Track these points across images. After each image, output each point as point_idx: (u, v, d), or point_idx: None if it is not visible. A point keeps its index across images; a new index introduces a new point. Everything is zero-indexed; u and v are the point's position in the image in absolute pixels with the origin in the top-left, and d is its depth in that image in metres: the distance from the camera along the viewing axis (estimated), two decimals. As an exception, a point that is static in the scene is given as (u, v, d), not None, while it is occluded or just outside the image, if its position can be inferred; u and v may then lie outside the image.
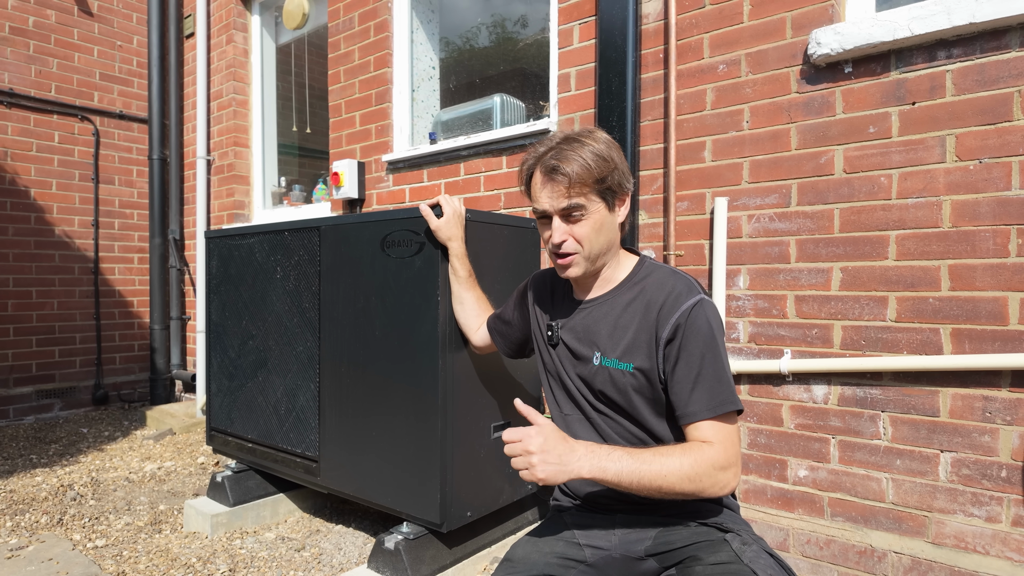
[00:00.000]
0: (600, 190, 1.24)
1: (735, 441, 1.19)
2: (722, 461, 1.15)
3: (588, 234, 1.26)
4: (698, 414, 1.18)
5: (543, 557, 1.25)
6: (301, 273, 2.30)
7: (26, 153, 4.25)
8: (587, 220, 1.25)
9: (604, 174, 1.23)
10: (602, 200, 1.25)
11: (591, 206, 1.25)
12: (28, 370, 4.29)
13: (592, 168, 1.22)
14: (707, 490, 1.14)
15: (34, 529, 2.48)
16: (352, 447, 2.13)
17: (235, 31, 4.40)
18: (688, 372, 1.20)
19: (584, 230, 1.26)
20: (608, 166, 1.24)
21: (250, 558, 2.23)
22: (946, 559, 1.81)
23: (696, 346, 1.20)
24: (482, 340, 1.79)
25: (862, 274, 1.96)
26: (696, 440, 1.19)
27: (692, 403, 1.19)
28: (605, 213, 1.27)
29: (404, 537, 1.92)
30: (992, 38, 1.75)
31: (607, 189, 1.25)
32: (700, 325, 1.20)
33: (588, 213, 1.25)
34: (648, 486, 1.12)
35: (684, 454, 1.14)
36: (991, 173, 1.76)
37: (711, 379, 1.19)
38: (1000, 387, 1.75)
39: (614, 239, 1.32)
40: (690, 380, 1.19)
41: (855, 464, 1.97)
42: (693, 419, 1.19)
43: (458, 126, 3.26)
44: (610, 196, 1.27)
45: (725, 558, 1.13)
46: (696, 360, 1.19)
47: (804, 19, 2.06)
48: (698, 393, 1.19)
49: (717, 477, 1.14)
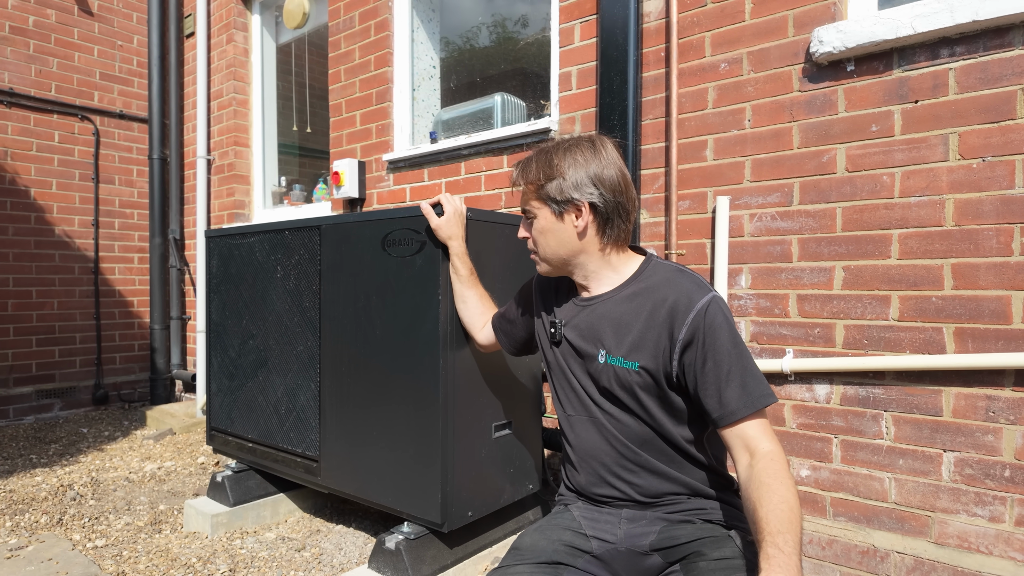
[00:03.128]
0: (540, 196, 1.31)
1: (773, 433, 1.15)
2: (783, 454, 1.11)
3: (536, 236, 1.35)
4: (737, 412, 1.14)
5: (551, 544, 1.25)
6: (302, 272, 2.29)
7: (26, 153, 4.25)
8: (536, 222, 1.34)
9: (542, 182, 1.30)
10: (545, 206, 1.31)
11: (535, 211, 1.33)
12: (28, 370, 4.28)
13: (532, 176, 1.31)
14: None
15: (34, 529, 2.48)
16: (353, 446, 2.12)
17: (235, 30, 4.40)
18: (718, 372, 1.17)
19: (535, 231, 1.35)
20: (548, 174, 1.29)
21: (250, 558, 2.23)
22: (949, 559, 1.81)
23: (720, 344, 1.17)
24: (487, 339, 1.78)
25: (864, 273, 1.95)
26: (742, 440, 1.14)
27: (729, 401, 1.15)
28: (551, 219, 1.31)
29: (405, 537, 1.92)
30: (995, 36, 1.74)
31: (548, 197, 1.30)
32: (719, 322, 1.18)
33: (536, 215, 1.34)
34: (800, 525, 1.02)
35: (777, 477, 1.06)
36: (994, 171, 1.75)
37: (743, 374, 1.16)
38: (1003, 386, 1.74)
39: (572, 247, 1.31)
40: (721, 379, 1.16)
41: (857, 464, 1.97)
42: (732, 418, 1.14)
43: (459, 125, 3.25)
44: (553, 204, 1.29)
45: (730, 553, 1.13)
46: (724, 358, 1.17)
47: (806, 17, 2.05)
48: (732, 390, 1.15)
49: (789, 473, 1.09)
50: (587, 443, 1.34)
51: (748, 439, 1.14)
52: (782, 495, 1.03)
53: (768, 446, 1.12)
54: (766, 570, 0.95)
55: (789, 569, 0.94)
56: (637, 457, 1.28)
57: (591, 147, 1.29)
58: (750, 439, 1.14)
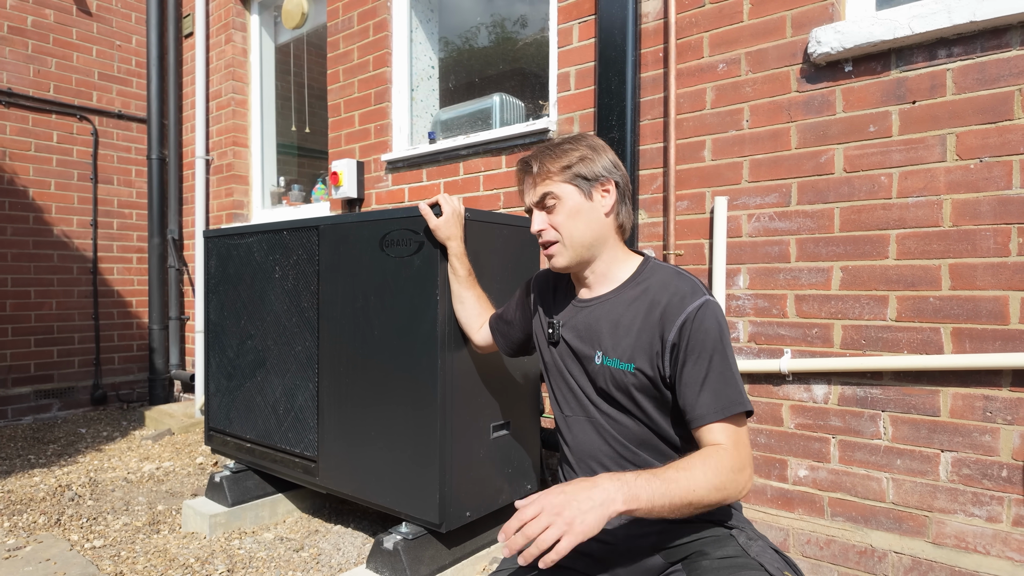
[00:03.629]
0: (568, 177, 1.28)
1: (746, 442, 1.17)
2: (738, 464, 1.12)
3: (563, 221, 1.29)
4: (707, 416, 1.16)
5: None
6: (300, 272, 2.29)
7: (24, 153, 4.24)
8: (560, 207, 1.29)
9: (569, 162, 1.28)
10: (573, 186, 1.29)
11: (561, 192, 1.29)
12: (26, 370, 4.28)
13: (558, 157, 1.29)
14: (731, 496, 1.11)
15: (32, 529, 2.47)
16: (351, 447, 2.12)
17: (234, 31, 4.40)
18: (696, 374, 1.18)
19: (559, 218, 1.30)
20: (576, 154, 1.29)
21: (248, 558, 2.22)
22: (947, 559, 1.81)
23: (704, 348, 1.18)
24: (484, 340, 1.78)
25: (862, 273, 1.95)
26: (708, 443, 1.16)
27: (700, 405, 1.17)
28: (580, 200, 1.29)
29: (403, 537, 1.92)
30: (993, 36, 1.75)
31: (576, 176, 1.28)
32: (707, 327, 1.19)
33: (560, 200, 1.29)
34: (680, 504, 1.05)
35: (705, 463, 1.10)
36: (992, 172, 1.75)
37: (718, 380, 1.17)
38: (1001, 387, 1.74)
39: (599, 230, 1.31)
40: (698, 382, 1.18)
41: (855, 464, 1.97)
42: (702, 421, 1.17)
43: (457, 126, 3.25)
44: (582, 183, 1.29)
45: (732, 552, 1.13)
46: (704, 362, 1.18)
47: (804, 18, 2.05)
48: (706, 395, 1.17)
49: (736, 480, 1.11)
50: (584, 444, 1.34)
51: (713, 440, 1.16)
52: (695, 476, 1.07)
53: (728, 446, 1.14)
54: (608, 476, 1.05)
55: (621, 486, 1.01)
56: (635, 457, 1.28)
57: (596, 139, 1.34)
58: (715, 440, 1.16)
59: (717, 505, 1.11)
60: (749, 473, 1.15)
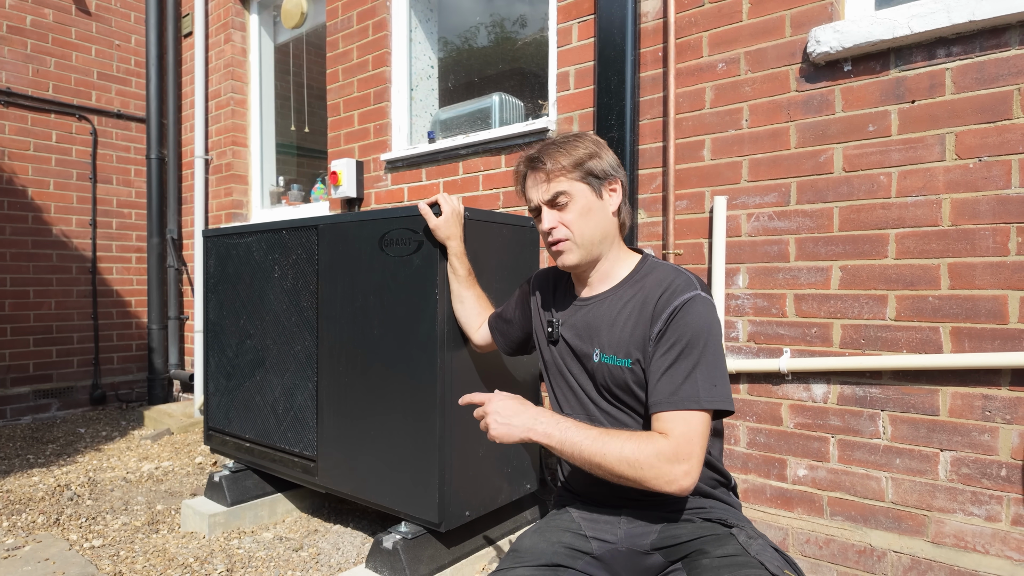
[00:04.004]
0: (581, 175, 1.29)
1: (695, 439, 1.13)
2: (670, 454, 1.11)
3: (575, 219, 1.30)
4: (658, 404, 1.17)
5: (550, 547, 1.25)
6: (299, 272, 2.29)
7: (23, 152, 4.24)
8: (573, 205, 1.30)
9: (582, 159, 1.29)
10: (585, 184, 1.30)
11: (574, 190, 1.29)
12: (25, 370, 4.28)
13: (570, 154, 1.29)
14: (650, 480, 1.11)
15: (31, 529, 2.47)
16: (350, 446, 2.12)
17: (233, 30, 4.40)
18: (661, 362, 1.19)
19: (571, 215, 1.30)
20: (586, 151, 1.29)
21: (248, 558, 2.22)
22: (946, 558, 1.81)
23: (678, 339, 1.19)
24: (483, 339, 1.78)
25: (861, 273, 1.96)
26: (655, 430, 1.17)
27: (656, 392, 1.18)
28: (591, 198, 1.30)
29: (402, 537, 1.92)
30: (991, 36, 1.75)
31: (588, 174, 1.29)
32: (688, 320, 1.19)
33: (572, 198, 1.29)
34: (588, 460, 1.15)
35: (629, 439, 1.14)
36: (991, 171, 1.75)
37: (680, 373, 1.17)
38: (1000, 386, 1.74)
39: (607, 228, 1.33)
40: (660, 370, 1.19)
41: (854, 463, 1.97)
42: (654, 408, 1.18)
43: (456, 125, 3.25)
44: (593, 181, 1.30)
45: (732, 551, 1.13)
46: (673, 352, 1.19)
47: (803, 17, 2.05)
48: (664, 384, 1.18)
49: (663, 468, 1.10)
50: (584, 442, 1.34)
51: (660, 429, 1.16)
52: (612, 442, 1.14)
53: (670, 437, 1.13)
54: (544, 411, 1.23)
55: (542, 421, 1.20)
56: (635, 457, 1.28)
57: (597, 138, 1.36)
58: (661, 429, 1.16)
59: (632, 482, 1.12)
60: (687, 469, 1.11)
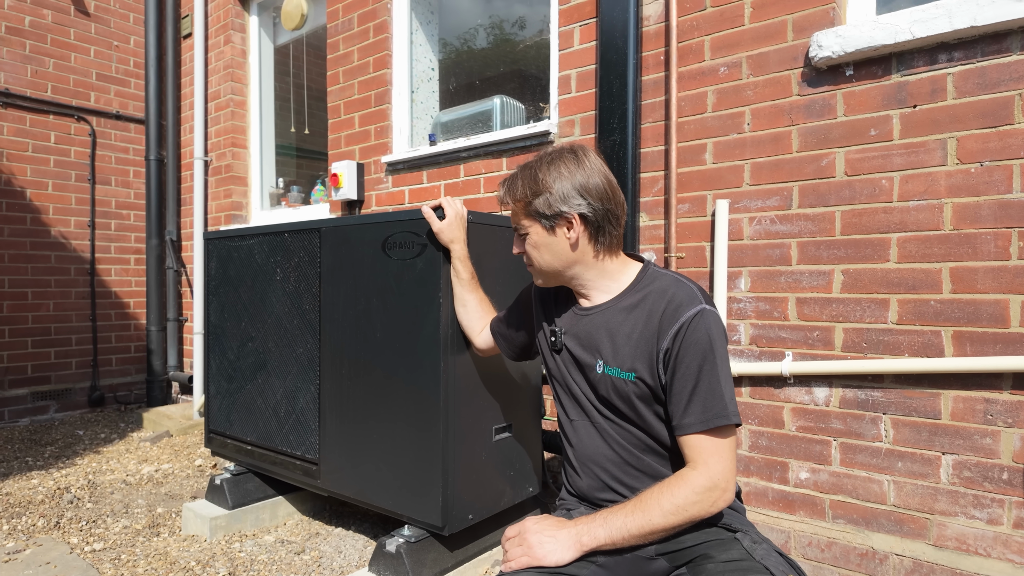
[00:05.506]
0: (529, 212, 1.32)
1: (727, 455, 1.17)
2: (707, 482, 1.15)
3: (531, 251, 1.36)
4: (691, 427, 1.18)
5: None
6: (301, 275, 2.29)
7: (22, 154, 4.23)
8: (529, 238, 1.35)
9: (529, 199, 1.31)
10: (535, 221, 1.32)
11: (526, 227, 1.34)
12: (24, 372, 4.26)
13: (519, 193, 1.32)
14: (698, 514, 1.15)
15: (31, 532, 2.46)
16: (353, 449, 2.12)
17: (233, 31, 4.39)
18: (684, 384, 1.19)
19: (529, 246, 1.36)
20: (535, 190, 1.29)
21: (249, 561, 2.22)
22: (948, 561, 1.82)
23: (693, 358, 1.19)
24: (485, 343, 1.78)
25: (863, 276, 1.96)
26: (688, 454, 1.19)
27: (686, 415, 1.19)
28: (543, 234, 1.32)
29: (405, 540, 1.91)
30: (993, 41, 1.76)
31: (536, 213, 1.30)
32: (699, 336, 1.19)
33: (527, 231, 1.34)
34: (641, 535, 1.15)
35: (661, 496, 1.16)
36: (992, 176, 1.76)
37: (705, 392, 1.18)
38: (1001, 389, 1.75)
39: (568, 259, 1.31)
40: (686, 392, 1.19)
41: (856, 466, 1.97)
42: (685, 431, 1.19)
43: (458, 127, 3.25)
44: (543, 220, 1.30)
45: (737, 555, 1.14)
46: (692, 372, 1.19)
47: (805, 22, 2.06)
48: (693, 405, 1.18)
49: (704, 498, 1.14)
50: (590, 448, 1.34)
51: (695, 452, 1.18)
52: (649, 510, 1.15)
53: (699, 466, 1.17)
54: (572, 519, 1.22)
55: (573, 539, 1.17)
56: (639, 462, 1.28)
57: (574, 158, 1.29)
58: (697, 453, 1.18)
59: (688, 524, 1.16)
60: (725, 487, 1.16)
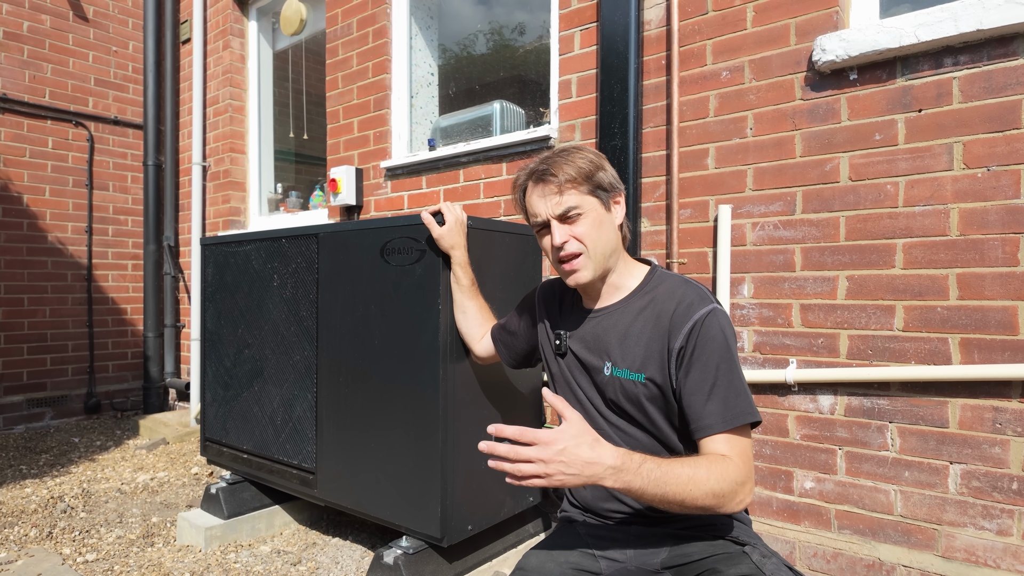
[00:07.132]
0: (591, 188, 1.26)
1: (750, 455, 1.16)
2: (741, 476, 1.11)
3: (588, 232, 1.26)
4: (713, 427, 1.15)
5: (558, 567, 1.22)
6: (299, 281, 2.26)
7: (19, 159, 4.20)
8: (585, 218, 1.26)
9: (592, 172, 1.26)
10: (595, 198, 1.27)
11: (585, 204, 1.26)
12: (19, 378, 4.22)
13: (580, 167, 1.25)
14: (727, 506, 1.10)
15: (23, 543, 2.42)
16: (350, 459, 2.08)
17: (232, 37, 4.38)
18: (702, 383, 1.17)
19: (584, 228, 1.26)
20: (595, 165, 1.27)
21: (244, 572, 2.18)
22: (956, 573, 1.78)
23: (710, 356, 1.17)
24: (485, 350, 1.75)
25: (868, 283, 1.94)
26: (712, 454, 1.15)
27: (707, 415, 1.16)
28: (602, 211, 1.28)
29: (403, 552, 1.88)
30: (999, 45, 1.74)
31: (598, 187, 1.27)
32: (714, 334, 1.17)
33: (585, 211, 1.26)
34: (672, 499, 1.05)
35: (711, 467, 1.09)
36: (999, 181, 1.74)
37: (726, 390, 1.16)
38: (1011, 398, 1.72)
39: (616, 241, 1.31)
40: (704, 391, 1.16)
41: (862, 476, 1.94)
42: (708, 432, 1.16)
43: (457, 133, 3.23)
44: (603, 195, 1.28)
45: (746, 571, 1.11)
46: (711, 371, 1.16)
47: (808, 26, 2.04)
48: (713, 405, 1.15)
49: (737, 492, 1.10)
50: (593, 457, 1.31)
51: (718, 451, 1.14)
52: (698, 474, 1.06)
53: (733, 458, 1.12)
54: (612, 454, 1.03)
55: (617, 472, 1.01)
56: (644, 472, 1.25)
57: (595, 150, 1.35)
58: (719, 451, 1.14)
59: (709, 512, 1.10)
60: (750, 487, 1.13)
